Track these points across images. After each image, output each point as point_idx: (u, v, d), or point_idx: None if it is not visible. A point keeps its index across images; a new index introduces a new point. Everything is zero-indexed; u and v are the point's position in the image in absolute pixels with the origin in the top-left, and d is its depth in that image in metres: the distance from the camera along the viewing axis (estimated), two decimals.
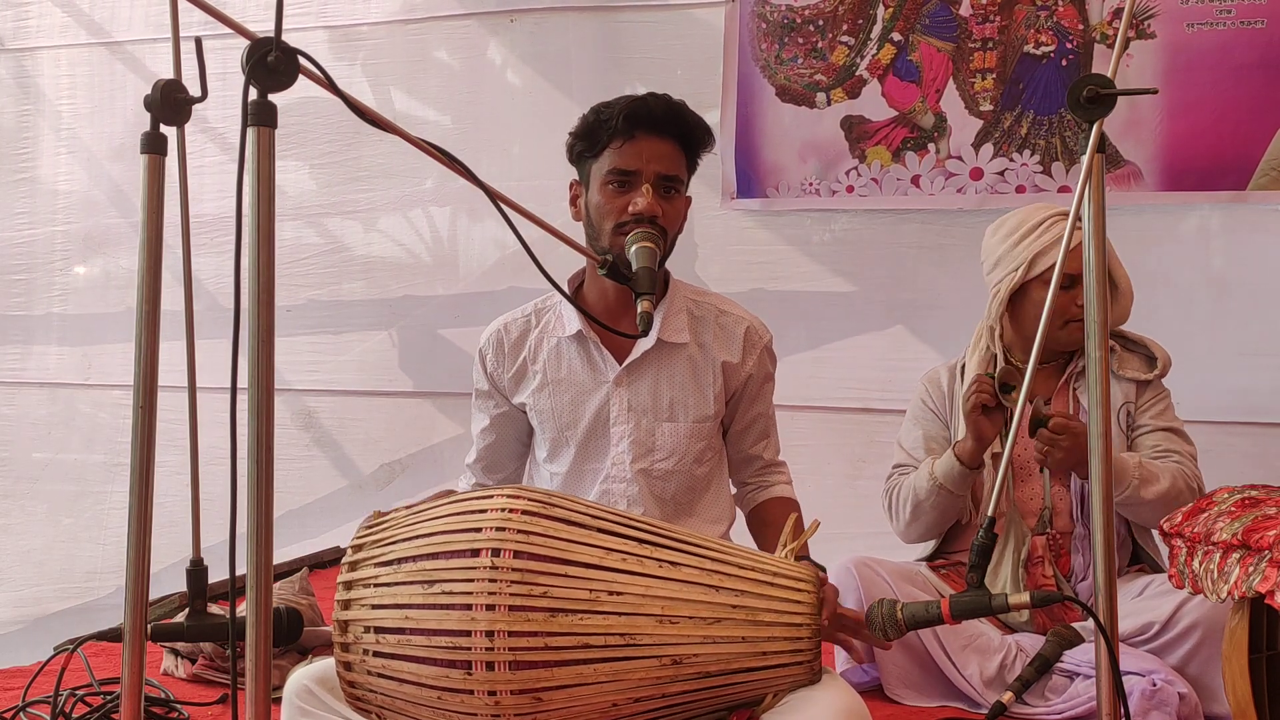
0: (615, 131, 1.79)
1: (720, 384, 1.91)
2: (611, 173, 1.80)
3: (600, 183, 1.81)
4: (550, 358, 1.92)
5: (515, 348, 1.95)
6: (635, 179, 1.79)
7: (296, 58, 1.09)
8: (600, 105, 1.85)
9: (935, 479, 2.19)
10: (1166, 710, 1.86)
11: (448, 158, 1.29)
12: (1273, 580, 1.53)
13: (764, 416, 1.98)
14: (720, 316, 1.94)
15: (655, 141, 1.81)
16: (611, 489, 1.88)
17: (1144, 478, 2.10)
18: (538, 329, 1.95)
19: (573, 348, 1.92)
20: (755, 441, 1.98)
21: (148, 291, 1.31)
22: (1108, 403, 1.39)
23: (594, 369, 1.90)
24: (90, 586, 3.78)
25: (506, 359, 1.95)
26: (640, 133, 1.79)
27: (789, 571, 1.43)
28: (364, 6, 3.77)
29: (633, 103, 1.80)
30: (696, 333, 1.91)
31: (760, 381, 1.95)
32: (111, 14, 4.00)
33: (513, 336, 1.95)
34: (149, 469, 1.31)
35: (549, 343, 1.93)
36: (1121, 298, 2.24)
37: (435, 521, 1.40)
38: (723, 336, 1.93)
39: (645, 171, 1.79)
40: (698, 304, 1.94)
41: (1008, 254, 2.23)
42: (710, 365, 1.90)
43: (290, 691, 1.51)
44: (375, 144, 3.69)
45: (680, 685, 1.36)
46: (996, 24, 3.20)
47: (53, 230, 4.06)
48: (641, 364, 1.89)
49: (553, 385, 1.92)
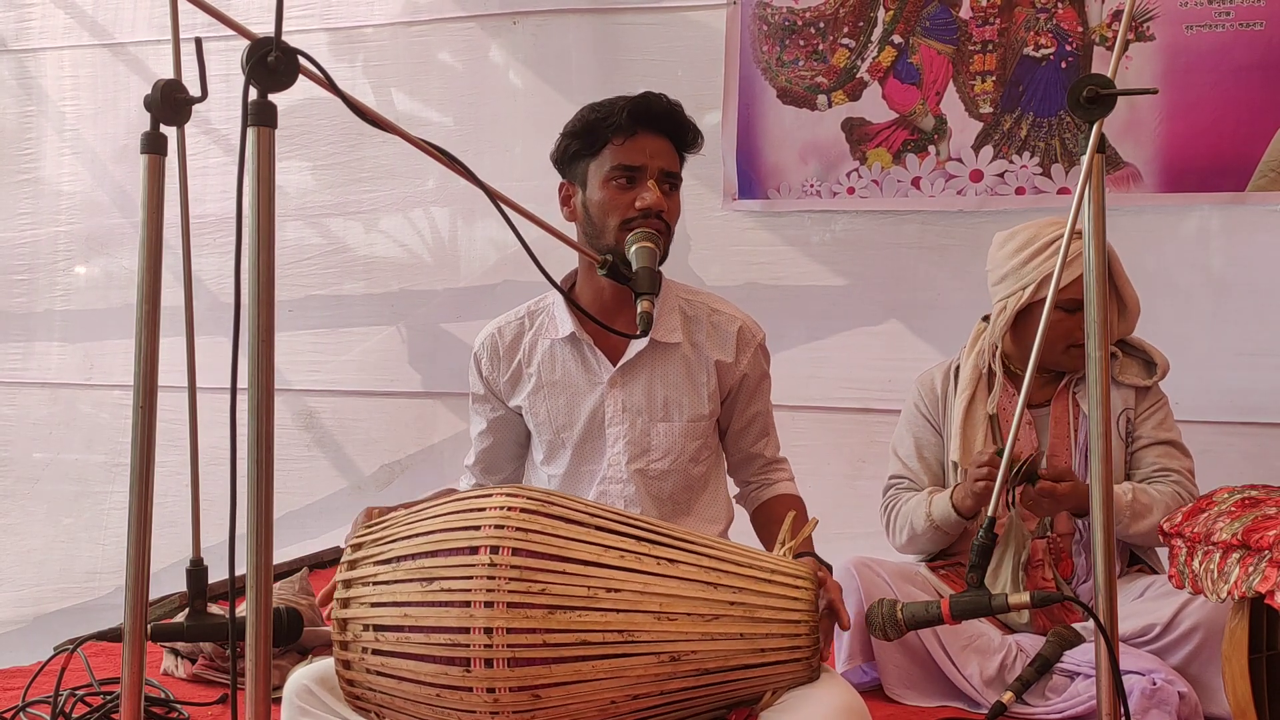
0: (618, 128, 1.79)
1: (714, 383, 1.91)
2: (616, 169, 1.80)
3: (603, 179, 1.81)
4: (545, 360, 1.92)
5: (510, 351, 1.95)
6: (639, 174, 1.80)
7: (296, 58, 1.10)
8: (594, 105, 1.84)
9: (931, 520, 2.22)
10: (1166, 710, 1.86)
11: (448, 158, 1.29)
12: (1273, 580, 1.53)
13: (763, 415, 1.98)
14: (713, 315, 1.94)
15: (656, 139, 1.82)
16: (608, 490, 1.88)
17: (1135, 513, 2.12)
18: (531, 331, 1.95)
19: (567, 349, 1.92)
20: (755, 440, 1.98)
21: (148, 291, 1.31)
22: (1107, 402, 1.39)
23: (588, 370, 1.91)
24: (90, 586, 3.78)
25: (501, 363, 1.95)
26: (641, 130, 1.80)
27: (787, 569, 1.43)
28: (366, 9, 3.78)
29: (635, 100, 1.81)
30: (689, 332, 1.92)
31: (756, 380, 1.96)
32: (114, 15, 4.01)
33: (507, 340, 1.95)
34: (149, 469, 1.31)
35: (543, 345, 1.93)
36: (1129, 315, 2.25)
37: (434, 520, 1.40)
38: (716, 336, 1.93)
39: (650, 167, 1.80)
40: (690, 303, 1.94)
41: (1016, 270, 2.21)
42: (704, 364, 1.91)
43: (290, 691, 1.51)
44: (378, 145, 3.70)
45: (679, 682, 1.36)
46: (996, 26, 3.21)
47: (55, 230, 4.07)
48: (635, 364, 1.89)
49: (548, 388, 1.92)
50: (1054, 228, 2.20)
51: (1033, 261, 2.19)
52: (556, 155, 1.90)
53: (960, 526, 2.21)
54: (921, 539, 2.26)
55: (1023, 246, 2.21)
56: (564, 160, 1.88)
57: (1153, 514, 2.12)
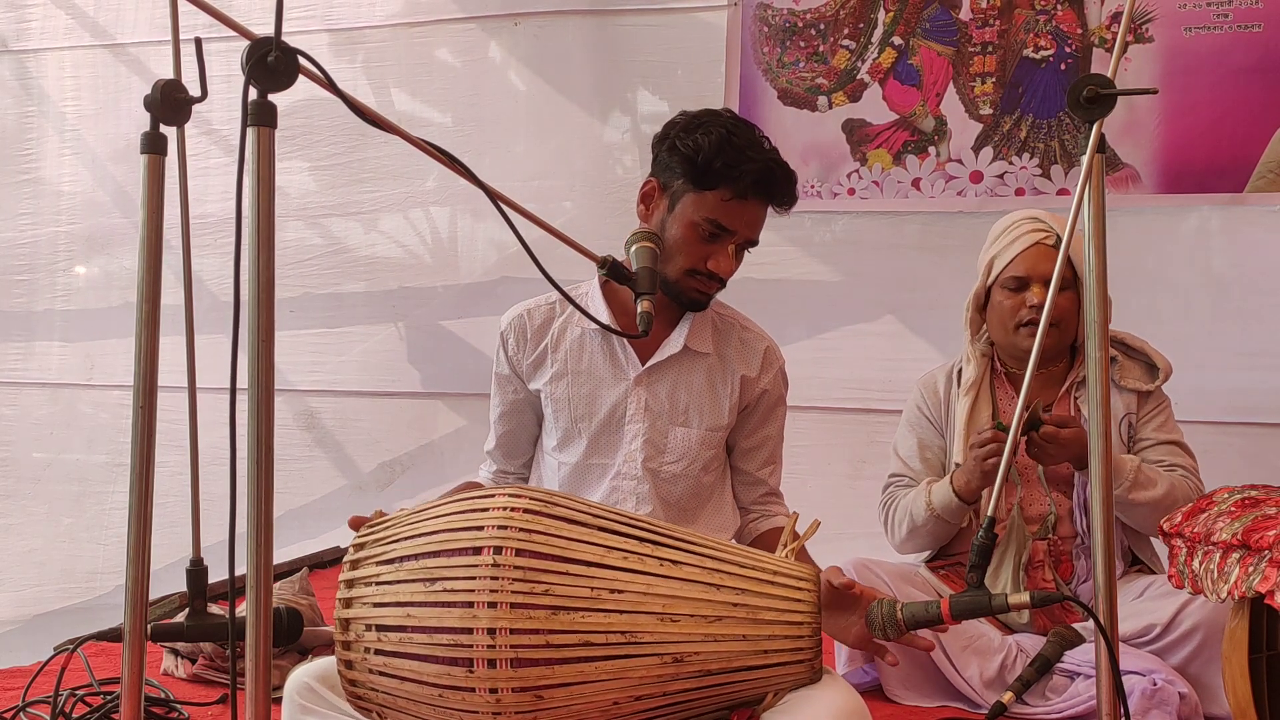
0: (733, 184, 1.76)
1: (736, 396, 1.92)
2: (709, 222, 1.78)
3: (689, 221, 1.79)
4: (573, 348, 1.92)
5: (538, 334, 1.95)
6: (726, 236, 1.79)
7: (296, 58, 1.10)
8: (724, 141, 1.76)
9: (932, 508, 2.21)
10: (1166, 710, 1.86)
11: (448, 158, 1.29)
12: (1273, 580, 1.53)
13: (773, 440, 1.98)
14: (743, 333, 1.96)
15: (759, 207, 1.80)
16: (621, 485, 1.89)
17: (1138, 481, 2.11)
18: (562, 317, 1.95)
19: (596, 340, 1.92)
20: (762, 465, 1.98)
21: (148, 291, 1.31)
22: (1108, 403, 1.39)
23: (616, 365, 1.91)
24: (91, 586, 3.78)
25: (528, 345, 1.95)
26: (753, 196, 1.78)
27: (790, 570, 1.43)
28: (367, 9, 3.78)
29: (763, 170, 1.76)
30: (719, 344, 1.93)
31: (774, 401, 1.96)
32: (115, 16, 4.01)
33: (535, 322, 1.95)
34: (149, 469, 1.31)
35: (573, 332, 1.93)
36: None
37: (437, 520, 1.40)
38: (744, 351, 1.94)
39: (739, 234, 1.80)
40: (721, 318, 1.96)
41: (979, 261, 2.28)
42: (729, 377, 1.92)
43: (291, 689, 1.51)
44: (379, 145, 3.70)
45: (681, 683, 1.36)
46: (996, 28, 3.21)
47: (56, 231, 4.07)
48: (664, 367, 1.90)
49: (572, 375, 1.92)
50: (1014, 216, 2.27)
51: (987, 249, 2.27)
52: (663, 153, 1.83)
53: (962, 513, 2.20)
54: (922, 530, 2.25)
55: (988, 239, 2.29)
56: (666, 166, 1.83)
57: (1156, 488, 2.10)
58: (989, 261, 2.24)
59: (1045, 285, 2.14)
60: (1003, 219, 2.29)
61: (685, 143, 1.79)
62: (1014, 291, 2.19)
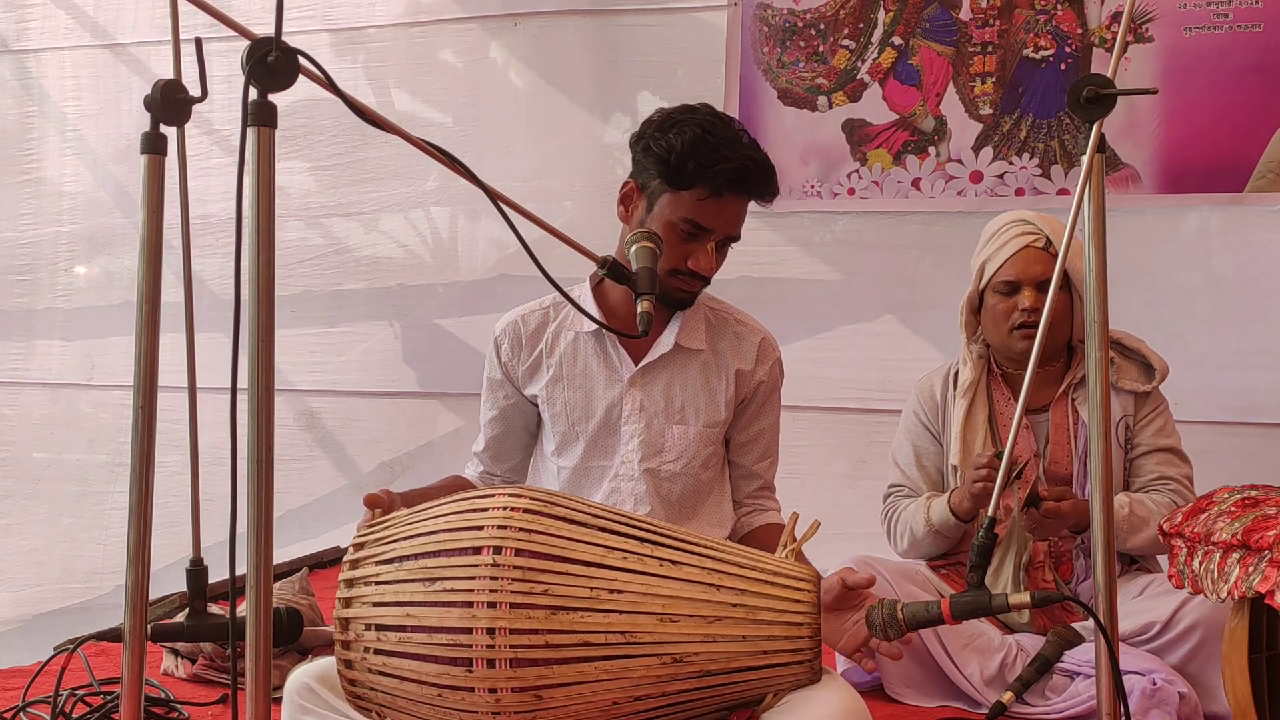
0: (709, 183, 1.74)
1: (732, 391, 1.91)
2: (687, 221, 1.77)
3: (667, 221, 1.77)
4: (567, 352, 1.92)
5: (532, 340, 1.94)
6: (705, 234, 1.78)
7: (296, 58, 1.10)
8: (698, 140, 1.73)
9: (931, 525, 2.23)
10: (1166, 709, 1.86)
11: (448, 158, 1.29)
12: (1273, 580, 1.53)
13: (769, 433, 1.98)
14: (737, 326, 1.95)
15: (738, 202, 1.79)
16: (619, 487, 1.89)
17: (1133, 526, 2.13)
18: (555, 322, 1.95)
19: (590, 344, 1.92)
20: (758, 459, 1.98)
21: (148, 291, 1.31)
22: (1107, 403, 1.39)
23: (609, 367, 1.91)
24: (91, 586, 3.78)
25: (523, 351, 1.95)
26: (730, 193, 1.77)
27: (789, 571, 1.43)
28: (368, 9, 3.79)
29: (738, 168, 1.74)
30: (713, 340, 1.92)
31: (769, 391, 1.96)
32: (115, 16, 4.02)
33: (530, 328, 1.95)
34: (149, 469, 1.31)
35: (566, 337, 1.93)
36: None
37: (436, 520, 1.40)
38: (738, 345, 1.93)
39: (718, 231, 1.79)
40: (715, 313, 1.95)
41: (971, 265, 2.29)
42: (724, 372, 1.91)
43: (291, 689, 1.51)
44: (379, 145, 3.70)
45: (681, 684, 1.36)
46: (996, 28, 3.21)
47: (57, 230, 4.08)
48: (657, 366, 1.90)
49: (567, 380, 1.92)
50: (1005, 218, 2.27)
51: (978, 253, 2.27)
52: (639, 153, 1.82)
53: (959, 530, 2.22)
54: (922, 544, 2.27)
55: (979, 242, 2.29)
56: (643, 167, 1.82)
57: (1149, 526, 2.13)
58: (980, 265, 2.25)
59: (1036, 288, 2.16)
60: (992, 221, 2.29)
61: (659, 143, 1.77)
62: (1006, 295, 2.20)
